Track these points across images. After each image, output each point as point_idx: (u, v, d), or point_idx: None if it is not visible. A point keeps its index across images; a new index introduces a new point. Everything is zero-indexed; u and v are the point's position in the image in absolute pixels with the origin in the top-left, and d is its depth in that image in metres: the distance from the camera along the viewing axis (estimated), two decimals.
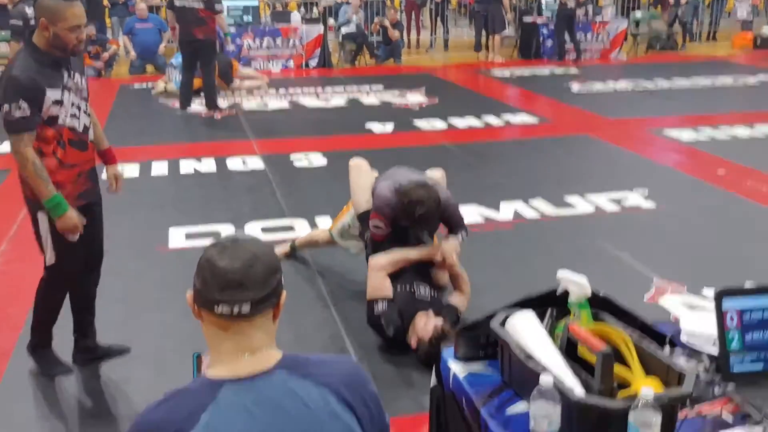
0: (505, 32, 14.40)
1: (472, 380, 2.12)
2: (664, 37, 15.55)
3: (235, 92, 10.46)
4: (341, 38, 13.55)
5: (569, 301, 2.11)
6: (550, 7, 14.42)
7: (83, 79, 3.25)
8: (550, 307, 2.17)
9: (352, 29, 13.45)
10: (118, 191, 3.55)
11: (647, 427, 1.61)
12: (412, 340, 3.62)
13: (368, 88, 11.03)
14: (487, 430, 1.93)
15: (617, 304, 2.18)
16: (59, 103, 3.06)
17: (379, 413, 1.62)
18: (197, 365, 1.85)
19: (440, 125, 8.66)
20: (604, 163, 7.39)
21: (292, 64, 13.22)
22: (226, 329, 1.53)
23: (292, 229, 5.39)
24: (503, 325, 2.09)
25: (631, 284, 4.30)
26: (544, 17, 14.49)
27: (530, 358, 1.90)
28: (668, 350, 2.09)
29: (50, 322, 3.42)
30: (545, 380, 1.68)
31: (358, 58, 13.56)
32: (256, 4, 13.62)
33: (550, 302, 2.18)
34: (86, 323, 3.57)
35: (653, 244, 5.16)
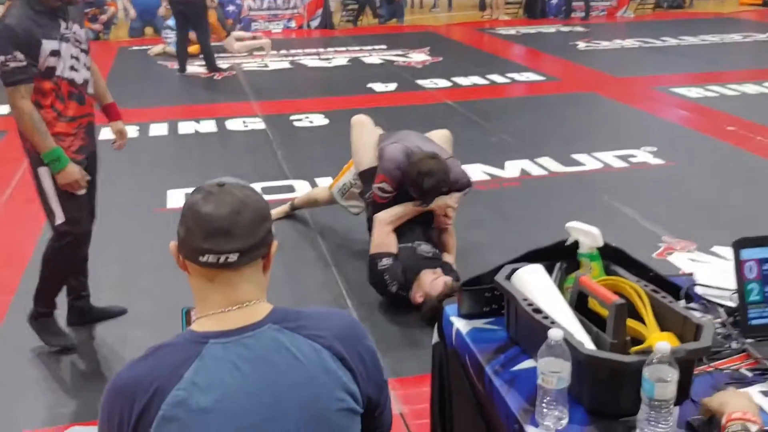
0: None
1: (476, 336, 2.02)
2: None
3: (236, 53, 10.29)
4: None
5: (579, 252, 2.00)
6: None
7: (83, 30, 3.11)
8: (559, 259, 2.06)
9: None
10: (122, 147, 3.46)
11: (663, 382, 1.51)
12: (416, 296, 3.53)
13: (370, 47, 10.85)
14: (491, 387, 1.84)
15: (630, 255, 2.07)
16: (56, 53, 2.93)
17: (376, 369, 1.52)
18: (186, 320, 1.73)
19: (444, 84, 8.51)
20: (611, 120, 7.25)
21: (293, 24, 13.01)
22: (212, 280, 1.43)
23: (292, 189, 5.29)
24: (509, 279, 1.98)
25: (639, 242, 4.19)
26: None
27: (538, 312, 1.79)
28: (683, 303, 1.99)
29: (56, 288, 3.29)
30: (554, 334, 1.57)
31: (360, 18, 13.33)
32: None
33: (559, 255, 2.07)
34: (80, 285, 3.49)
35: (662, 201, 5.05)
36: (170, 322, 3.45)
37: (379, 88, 8.37)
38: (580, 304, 1.90)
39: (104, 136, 3.57)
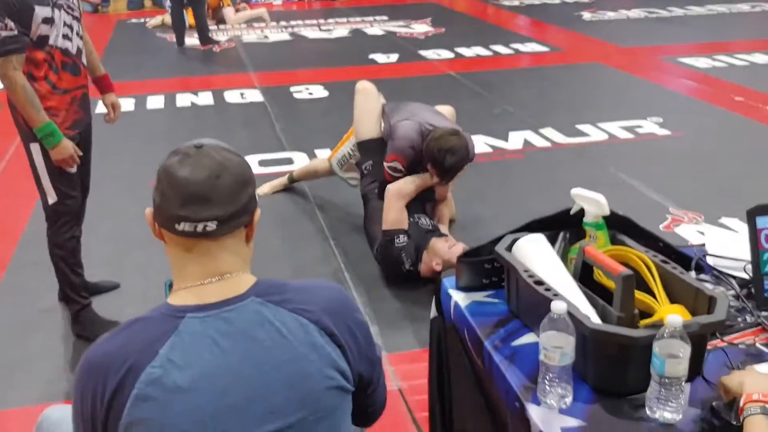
0: None
1: (475, 310, 1.92)
2: None
3: (234, 24, 10.13)
4: None
5: (584, 221, 1.90)
6: None
7: None
8: (562, 229, 1.96)
9: None
10: (115, 121, 3.31)
11: (675, 358, 1.41)
12: (433, 264, 3.44)
13: (372, 18, 10.66)
14: (491, 363, 1.74)
15: (637, 224, 1.96)
16: (49, 21, 2.78)
17: (368, 344, 1.42)
18: (170, 293, 1.63)
19: (447, 55, 8.34)
20: (616, 91, 7.10)
21: None
22: (189, 250, 1.33)
23: (291, 162, 5.17)
24: (510, 250, 1.88)
25: (646, 214, 4.04)
26: None
27: (540, 284, 1.69)
28: (694, 275, 1.89)
29: (76, 276, 3.14)
30: (557, 307, 1.47)
31: None
32: None
33: (562, 224, 1.97)
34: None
35: (668, 172, 4.93)
36: (164, 297, 3.36)
37: (380, 59, 8.21)
38: (584, 275, 1.80)
39: (97, 110, 3.43)
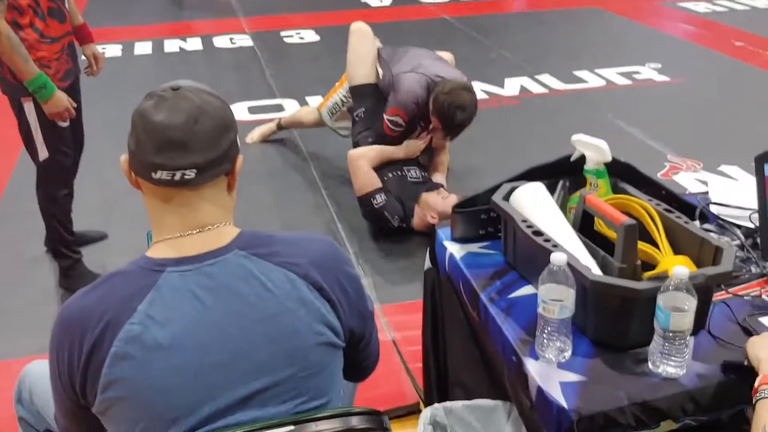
0: None
1: (470, 262, 1.85)
2: None
3: None
4: None
5: (585, 168, 1.82)
6: None
7: None
8: (561, 176, 1.88)
9: None
10: (98, 72, 3.15)
11: (680, 312, 1.35)
12: (428, 217, 3.37)
13: None
14: (487, 315, 1.68)
15: (640, 172, 1.89)
16: None
17: (359, 298, 1.35)
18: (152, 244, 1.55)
19: None
20: (614, 36, 6.96)
21: None
22: (168, 200, 1.25)
23: (281, 108, 5.06)
24: (507, 199, 1.80)
25: (644, 161, 3.90)
26: None
27: (539, 234, 1.62)
28: (698, 224, 1.82)
29: (68, 231, 3.04)
30: (557, 259, 1.41)
31: None
32: None
33: (562, 172, 1.89)
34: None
35: (667, 119, 4.84)
36: (147, 248, 3.28)
37: (374, 2, 8.02)
38: (584, 225, 1.73)
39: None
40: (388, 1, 8.07)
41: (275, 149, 4.45)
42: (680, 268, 1.36)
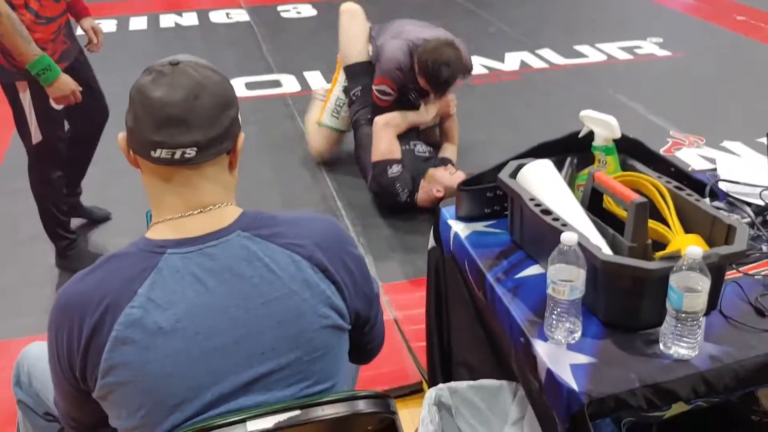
0: None
1: (476, 241, 1.82)
2: None
3: None
4: None
5: (594, 145, 1.78)
6: None
7: None
8: (570, 153, 1.84)
9: None
10: (99, 47, 3.05)
11: (694, 292, 1.32)
12: (434, 191, 3.34)
13: None
14: (493, 296, 1.65)
15: (648, 148, 1.85)
16: None
17: (364, 279, 1.32)
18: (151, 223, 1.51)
19: None
20: (615, 10, 6.88)
21: None
22: (167, 179, 1.20)
23: (279, 84, 5.00)
24: (514, 177, 1.77)
25: (646, 137, 3.84)
26: None
27: (547, 213, 1.59)
28: (708, 202, 1.78)
29: (62, 212, 2.98)
30: (568, 238, 1.37)
31: None
32: None
33: (570, 148, 1.85)
34: (76, 182, 3.24)
35: (669, 94, 4.79)
36: (146, 228, 3.23)
37: None
38: (593, 203, 1.70)
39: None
40: None
41: (273, 124, 4.40)
42: (694, 247, 1.33)
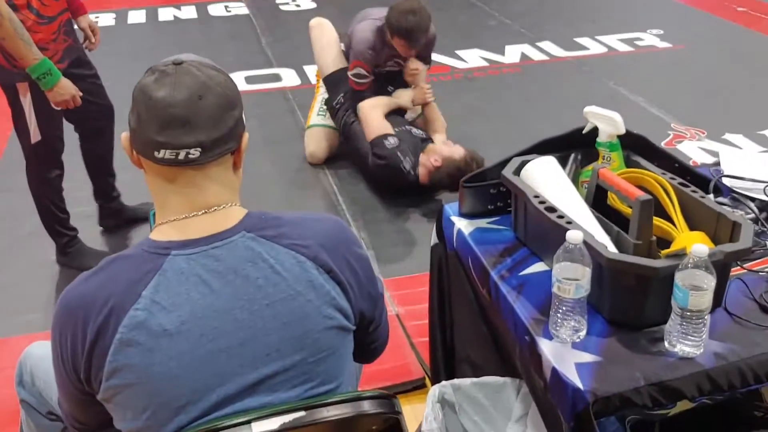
0: None
1: (479, 238, 1.81)
2: None
3: None
4: None
5: (598, 141, 1.77)
6: None
7: None
8: (573, 150, 1.83)
9: None
10: (96, 45, 3.02)
11: (699, 291, 1.32)
12: (431, 160, 3.37)
13: None
14: (497, 294, 1.65)
15: (652, 144, 1.84)
16: None
17: (368, 279, 1.31)
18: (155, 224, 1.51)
19: None
20: (615, 1, 6.87)
21: None
22: (171, 180, 1.20)
23: (278, 78, 4.98)
24: (518, 174, 1.76)
25: (647, 130, 3.83)
26: None
27: (552, 210, 1.58)
28: (713, 198, 1.78)
29: (61, 211, 2.96)
30: (573, 236, 1.36)
31: None
32: None
33: (573, 145, 1.84)
34: (107, 187, 3.21)
35: (670, 86, 4.78)
36: (149, 228, 3.19)
37: None
38: (597, 200, 1.69)
39: None
40: None
41: (273, 119, 4.39)
42: (699, 245, 1.32)
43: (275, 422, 1.16)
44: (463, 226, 1.86)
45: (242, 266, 1.18)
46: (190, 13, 6.52)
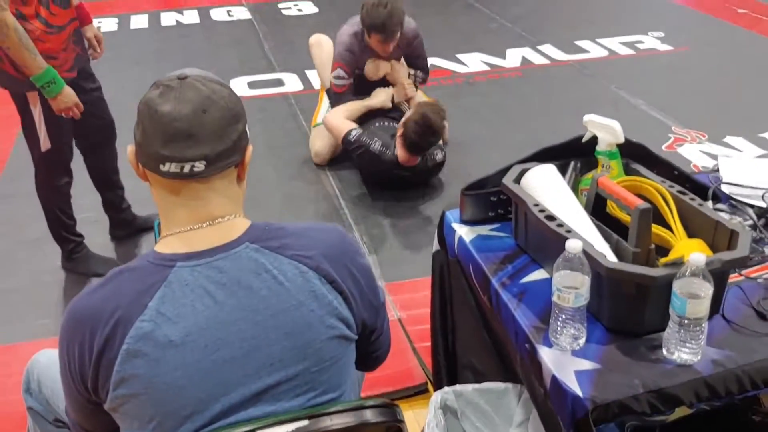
0: None
1: (480, 245, 1.83)
2: None
3: None
4: None
5: (597, 150, 1.79)
6: None
7: None
8: (573, 158, 1.85)
9: None
10: (100, 55, 3.04)
11: (696, 298, 1.33)
12: (398, 132, 3.44)
13: None
14: (498, 301, 1.67)
15: (651, 151, 1.86)
16: None
17: (370, 289, 1.33)
18: (159, 234, 1.53)
19: None
20: (616, 4, 6.88)
21: None
22: (176, 193, 1.22)
23: (281, 83, 5.00)
24: (518, 182, 1.78)
25: (648, 133, 3.95)
26: None
27: (552, 219, 1.60)
28: (711, 205, 1.80)
29: (68, 218, 2.99)
30: (573, 246, 1.38)
31: None
32: None
33: (573, 152, 1.86)
34: (116, 198, 3.24)
35: (671, 89, 4.80)
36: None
37: None
38: (597, 207, 1.71)
39: None
40: None
41: (275, 123, 4.41)
42: (697, 254, 1.34)
43: (279, 431, 1.18)
44: (464, 233, 1.88)
45: (246, 277, 1.20)
46: (192, 17, 6.55)
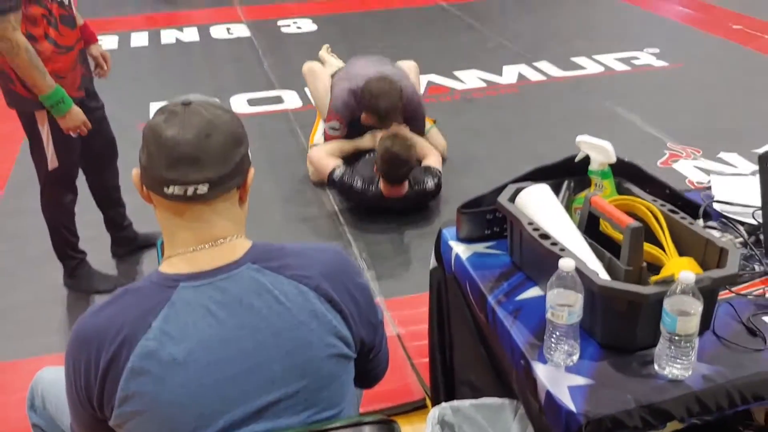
0: None
1: (476, 262, 1.87)
2: None
3: None
4: None
5: (590, 169, 1.83)
6: None
7: None
8: (566, 177, 1.89)
9: None
10: (107, 73, 3.08)
11: (686, 315, 1.37)
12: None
13: None
14: (494, 318, 1.70)
15: (643, 171, 1.90)
16: None
17: (369, 308, 1.37)
18: (162, 253, 1.57)
19: None
20: (612, 21, 6.96)
21: None
22: (180, 215, 1.26)
23: (280, 100, 5.05)
24: (512, 201, 1.82)
25: (643, 149, 4.01)
26: None
27: (546, 237, 1.64)
28: (702, 223, 1.83)
29: (72, 234, 3.03)
30: (565, 264, 1.42)
31: None
32: None
33: (566, 172, 1.90)
34: (117, 216, 3.28)
35: (666, 105, 4.85)
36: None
37: None
38: (590, 226, 1.74)
39: None
40: None
41: (276, 141, 4.45)
42: (686, 273, 1.37)
43: None
44: (461, 250, 1.92)
45: (247, 297, 1.24)
46: (192, 35, 6.61)
